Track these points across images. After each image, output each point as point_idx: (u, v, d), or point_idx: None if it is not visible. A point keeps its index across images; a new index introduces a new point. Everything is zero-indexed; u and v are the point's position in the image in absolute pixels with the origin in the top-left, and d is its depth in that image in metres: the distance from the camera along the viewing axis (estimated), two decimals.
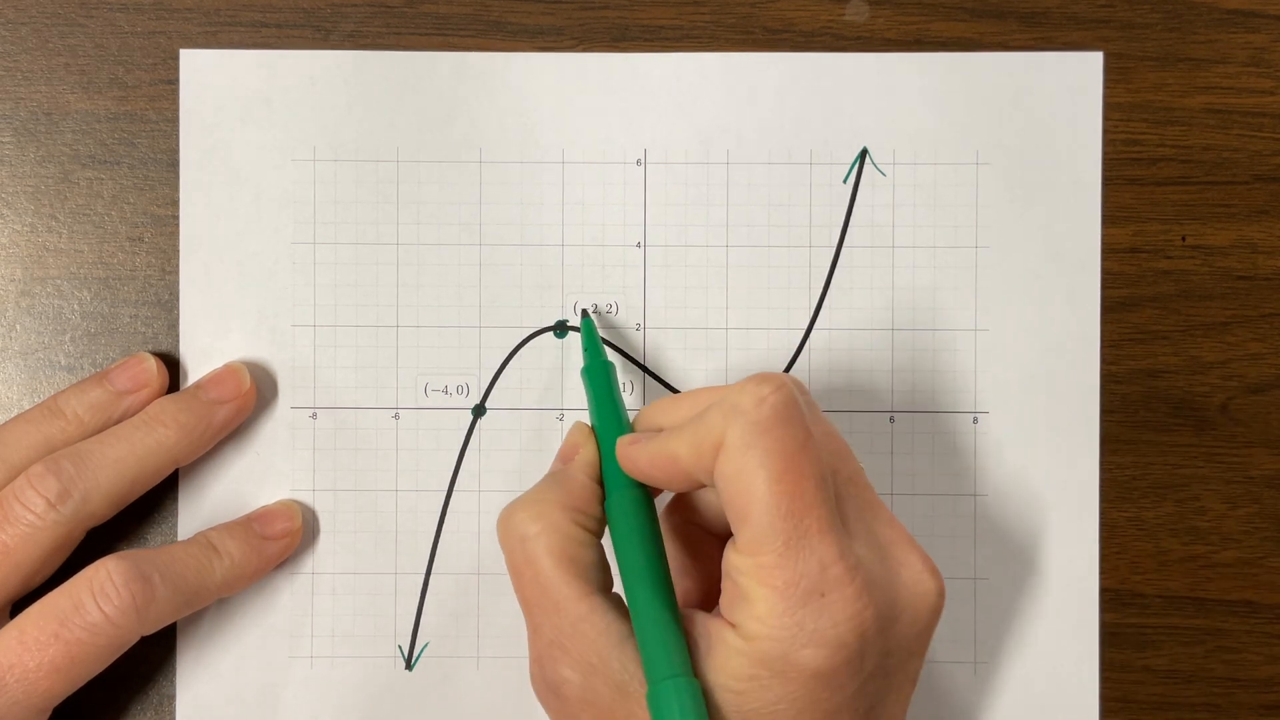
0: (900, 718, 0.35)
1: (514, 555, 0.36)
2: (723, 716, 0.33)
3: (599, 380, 0.40)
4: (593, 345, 0.41)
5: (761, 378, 0.34)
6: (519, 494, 0.37)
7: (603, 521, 0.37)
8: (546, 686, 0.35)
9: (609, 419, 0.38)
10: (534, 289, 0.43)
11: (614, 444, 0.37)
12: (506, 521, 0.36)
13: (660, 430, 0.36)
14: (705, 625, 0.34)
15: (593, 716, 0.34)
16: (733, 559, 0.34)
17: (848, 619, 0.32)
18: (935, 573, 0.35)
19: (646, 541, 0.35)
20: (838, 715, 0.33)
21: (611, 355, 0.43)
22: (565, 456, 0.38)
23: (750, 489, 0.33)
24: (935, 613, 0.35)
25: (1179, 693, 0.43)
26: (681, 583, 0.38)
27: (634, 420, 0.38)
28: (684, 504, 0.38)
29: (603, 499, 0.37)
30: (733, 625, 0.33)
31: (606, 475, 0.37)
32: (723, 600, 0.34)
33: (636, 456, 0.36)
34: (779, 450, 0.33)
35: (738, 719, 0.33)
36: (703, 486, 0.36)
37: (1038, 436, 0.43)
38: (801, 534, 0.32)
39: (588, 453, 0.38)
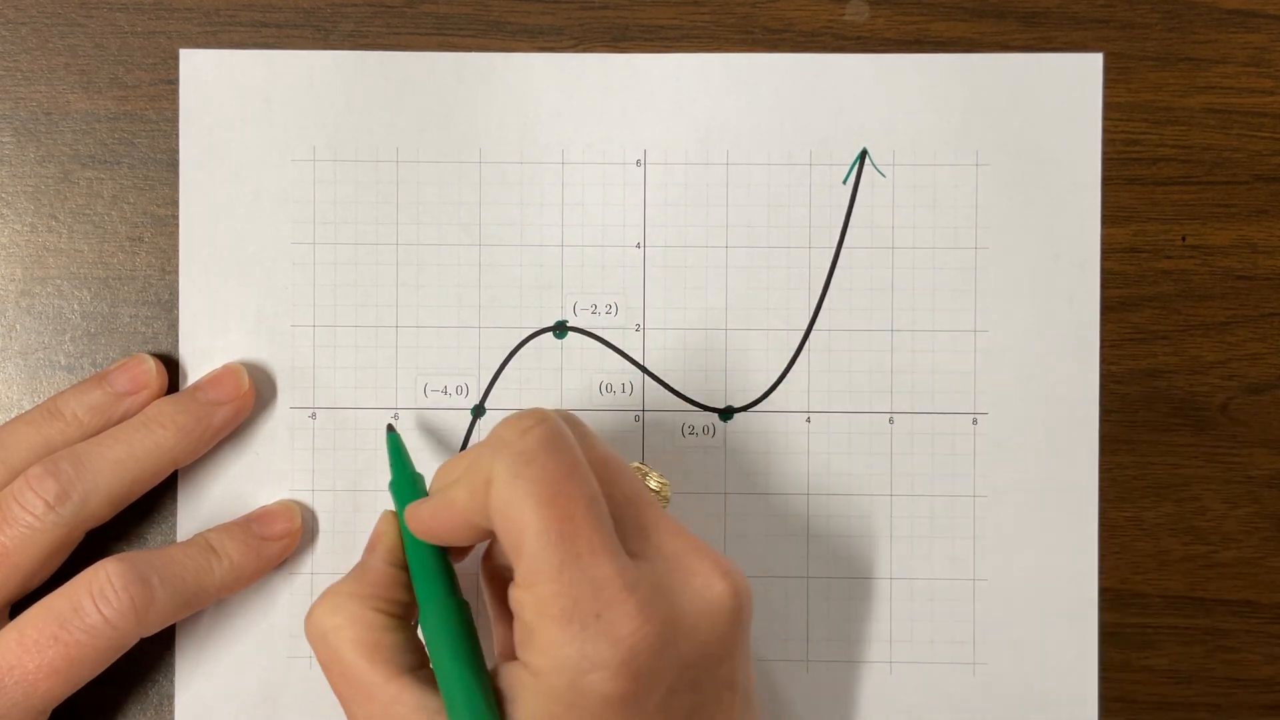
0: None
1: (319, 651, 0.36)
2: None
3: (404, 491, 0.39)
4: (398, 463, 0.40)
5: (523, 412, 0.35)
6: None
7: (408, 605, 0.37)
8: None
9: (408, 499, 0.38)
10: (533, 289, 0.43)
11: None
12: (309, 620, 0.37)
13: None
14: (508, 675, 0.34)
15: None
16: (515, 594, 0.34)
17: (627, 636, 0.32)
18: (729, 574, 0.34)
19: (457, 656, 0.35)
20: None
21: (611, 355, 0.43)
22: (370, 547, 0.38)
23: (520, 518, 0.33)
24: (733, 614, 0.34)
25: (1179, 693, 0.43)
26: (502, 632, 0.38)
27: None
28: (492, 552, 0.38)
29: (405, 582, 0.37)
30: (525, 665, 0.33)
31: (416, 583, 0.37)
32: (515, 641, 0.34)
33: (420, 514, 0.36)
34: (545, 477, 0.33)
35: None
36: (489, 534, 0.36)
37: (1037, 437, 0.43)
38: (574, 557, 0.32)
39: (388, 539, 0.38)
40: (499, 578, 0.38)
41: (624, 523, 0.35)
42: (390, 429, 0.42)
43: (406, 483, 0.39)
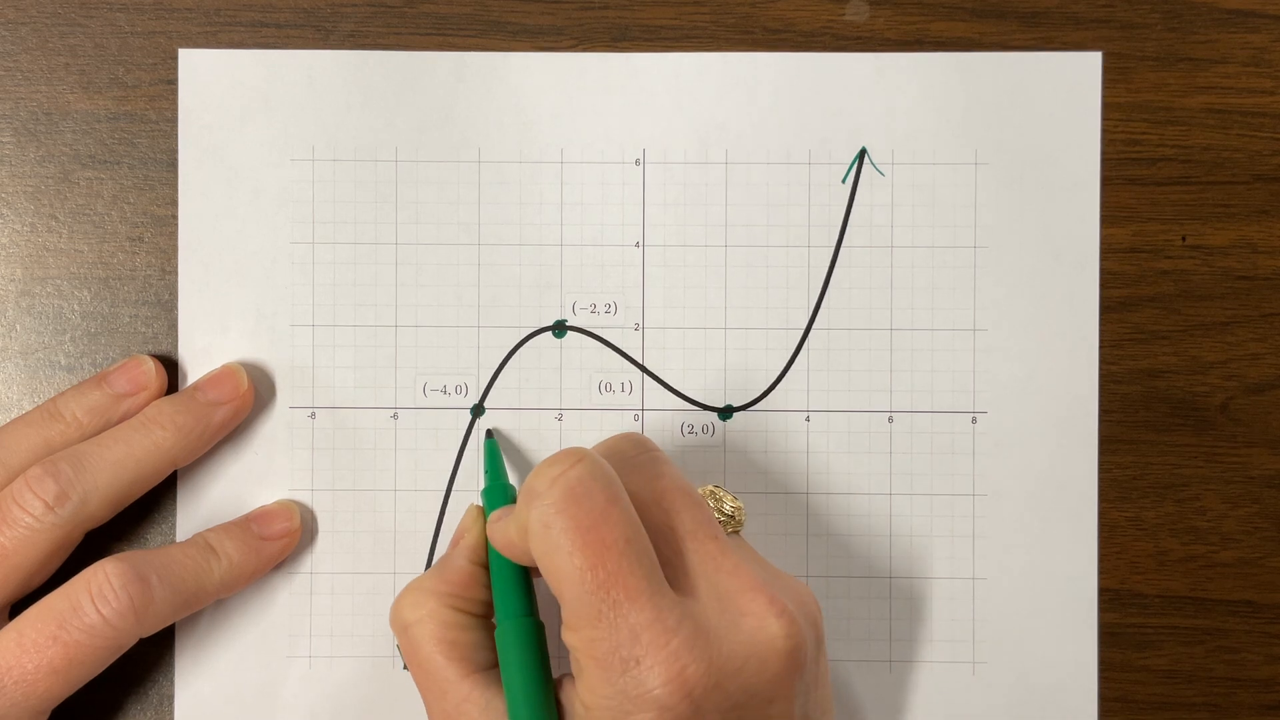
0: None
1: (402, 642, 0.37)
2: None
3: (495, 500, 0.40)
4: (493, 470, 0.41)
5: (554, 458, 0.35)
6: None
7: (488, 603, 0.38)
8: None
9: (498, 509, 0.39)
10: (533, 289, 0.43)
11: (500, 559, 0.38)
12: (394, 610, 0.38)
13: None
14: (568, 694, 0.35)
15: None
16: (563, 634, 0.34)
17: (666, 681, 0.32)
18: (783, 614, 0.34)
19: (525, 676, 0.36)
20: None
21: (610, 355, 0.43)
22: (454, 542, 0.39)
23: (557, 568, 0.33)
24: (787, 655, 0.34)
25: (1179, 693, 0.43)
26: None
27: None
28: None
29: (486, 582, 0.38)
30: (578, 696, 0.34)
31: (495, 594, 0.38)
32: (573, 672, 0.35)
33: (495, 536, 0.37)
34: (574, 526, 0.33)
35: None
36: None
37: (1036, 436, 0.43)
38: (611, 605, 0.33)
39: (471, 538, 0.39)
40: None
41: (679, 558, 0.35)
42: (489, 435, 0.42)
43: (499, 492, 0.39)
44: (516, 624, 0.36)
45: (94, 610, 0.38)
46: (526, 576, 0.38)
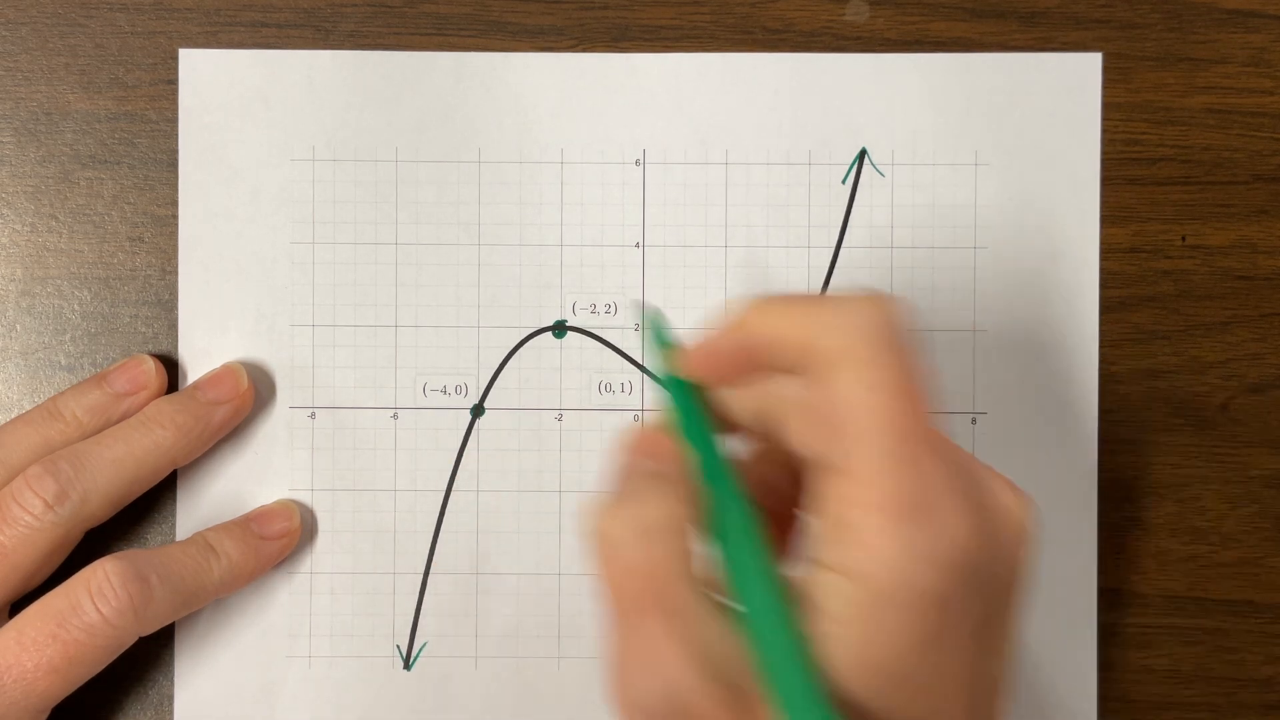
0: (1010, 653, 0.32)
1: (624, 554, 0.31)
2: (836, 670, 0.30)
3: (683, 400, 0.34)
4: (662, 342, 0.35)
5: (876, 294, 0.31)
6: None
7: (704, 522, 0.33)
8: (643, 694, 0.31)
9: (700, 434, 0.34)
10: (533, 289, 0.43)
11: (711, 458, 0.33)
12: (615, 519, 0.32)
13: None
14: (805, 582, 0.31)
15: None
16: (833, 487, 0.30)
17: (964, 538, 0.30)
18: (1026, 500, 0.32)
19: (761, 563, 0.31)
20: (954, 642, 0.30)
21: (610, 355, 0.43)
22: (649, 452, 0.34)
23: (868, 402, 0.30)
24: (1031, 540, 0.32)
25: (1179, 693, 0.43)
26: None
27: None
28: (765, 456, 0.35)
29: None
30: (833, 569, 0.30)
31: (710, 482, 0.33)
32: (817, 545, 0.31)
33: (719, 341, 0.33)
34: (902, 367, 0.30)
35: (849, 666, 0.30)
36: (760, 371, 0.32)
37: (1036, 437, 0.43)
38: (916, 456, 0.30)
39: (687, 454, 0.33)
40: (768, 482, 0.34)
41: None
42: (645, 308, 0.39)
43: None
44: (744, 508, 0.32)
45: (93, 609, 0.38)
46: (734, 465, 0.33)
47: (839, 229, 0.43)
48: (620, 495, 0.32)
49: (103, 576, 0.38)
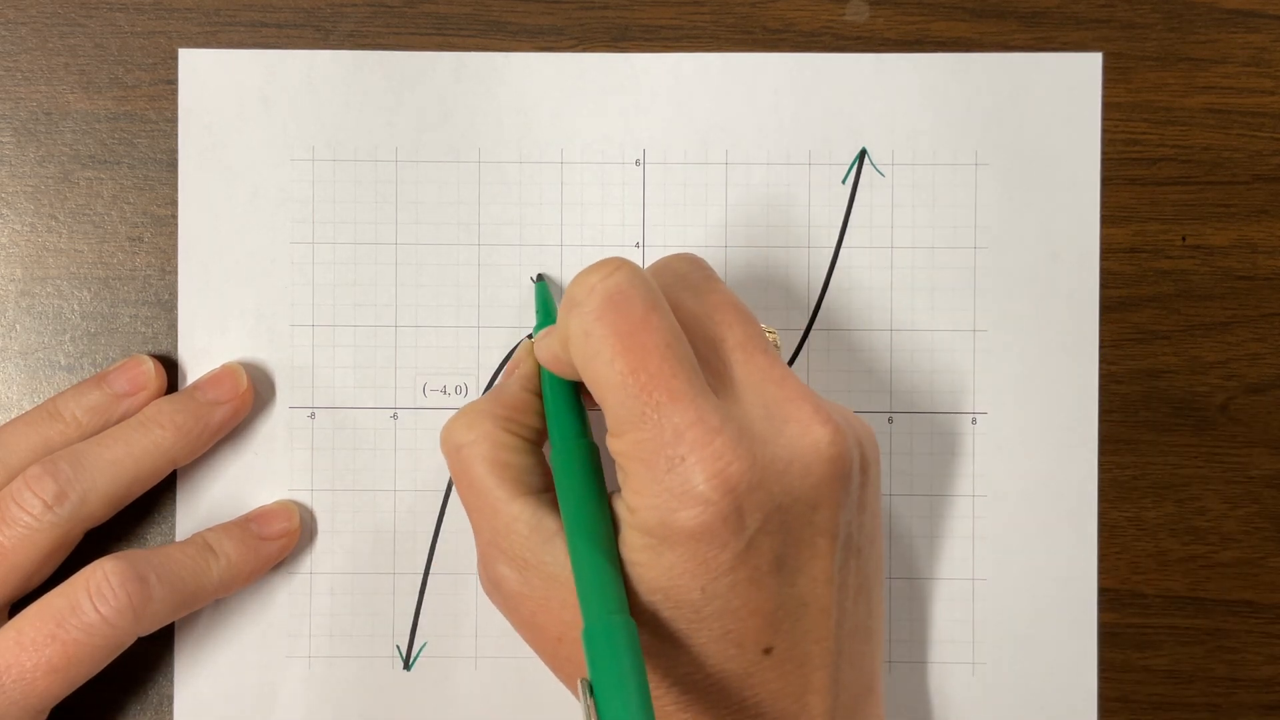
0: (824, 574, 0.35)
1: (452, 463, 0.37)
2: (636, 593, 0.34)
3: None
4: (544, 310, 0.42)
5: (593, 267, 0.35)
6: None
7: (539, 430, 0.38)
8: (489, 582, 0.37)
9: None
10: (533, 289, 0.43)
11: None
12: (446, 432, 0.38)
13: None
14: (617, 506, 0.35)
15: (529, 607, 0.36)
16: (608, 441, 0.35)
17: (710, 477, 0.33)
18: (828, 422, 0.35)
19: (581, 489, 0.36)
20: (734, 571, 0.33)
21: None
22: (508, 372, 0.39)
23: (597, 374, 0.34)
24: (829, 463, 0.34)
25: (1179, 693, 0.43)
26: None
27: None
28: None
29: (539, 409, 0.38)
30: (624, 502, 0.35)
31: (549, 416, 0.38)
32: (618, 479, 0.36)
33: (540, 352, 0.38)
34: (613, 332, 0.34)
35: (646, 592, 0.34)
36: None
37: (1036, 437, 0.43)
38: (654, 406, 0.33)
39: (526, 367, 0.39)
40: None
41: (726, 369, 0.35)
42: (540, 278, 0.42)
43: (548, 324, 0.40)
44: (571, 444, 0.37)
45: (92, 609, 0.38)
46: (579, 400, 0.38)
47: (839, 229, 0.43)
48: (459, 410, 0.38)
49: (102, 576, 0.38)
